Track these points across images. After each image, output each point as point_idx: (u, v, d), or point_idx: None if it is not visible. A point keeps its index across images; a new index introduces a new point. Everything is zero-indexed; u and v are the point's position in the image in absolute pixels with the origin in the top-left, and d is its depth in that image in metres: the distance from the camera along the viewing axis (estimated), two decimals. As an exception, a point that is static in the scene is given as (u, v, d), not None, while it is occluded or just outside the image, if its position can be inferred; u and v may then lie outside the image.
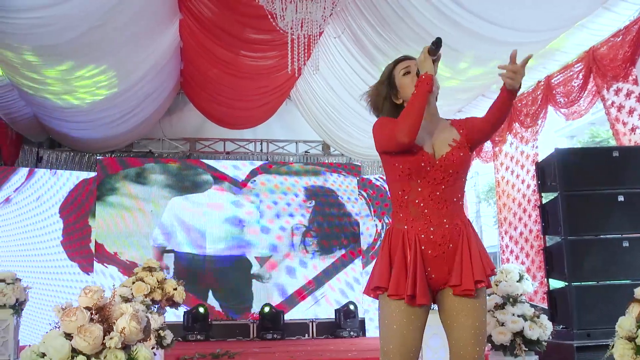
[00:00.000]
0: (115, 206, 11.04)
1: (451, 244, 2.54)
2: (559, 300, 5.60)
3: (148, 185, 11.27)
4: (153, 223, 11.15)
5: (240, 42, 9.09)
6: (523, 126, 8.53)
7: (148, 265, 5.85)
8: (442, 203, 2.56)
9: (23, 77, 7.90)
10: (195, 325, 9.94)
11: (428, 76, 2.53)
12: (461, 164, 2.61)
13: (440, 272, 2.54)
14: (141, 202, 11.15)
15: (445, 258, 2.54)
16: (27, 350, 2.25)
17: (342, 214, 11.79)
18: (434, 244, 2.53)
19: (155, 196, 11.25)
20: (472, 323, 2.52)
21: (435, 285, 2.58)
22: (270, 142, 12.76)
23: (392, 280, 2.52)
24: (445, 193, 2.57)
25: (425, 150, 2.58)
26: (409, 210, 2.58)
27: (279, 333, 10.14)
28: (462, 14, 6.59)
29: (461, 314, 2.52)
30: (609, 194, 5.46)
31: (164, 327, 5.08)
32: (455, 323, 2.53)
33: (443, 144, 2.62)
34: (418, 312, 2.52)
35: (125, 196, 11.13)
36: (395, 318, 2.50)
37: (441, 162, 2.58)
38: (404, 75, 2.69)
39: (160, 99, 11.06)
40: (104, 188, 11.03)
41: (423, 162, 2.56)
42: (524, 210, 8.69)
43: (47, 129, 10.67)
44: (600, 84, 6.91)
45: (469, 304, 2.53)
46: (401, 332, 2.49)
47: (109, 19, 6.96)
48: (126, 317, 2.29)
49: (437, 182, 2.57)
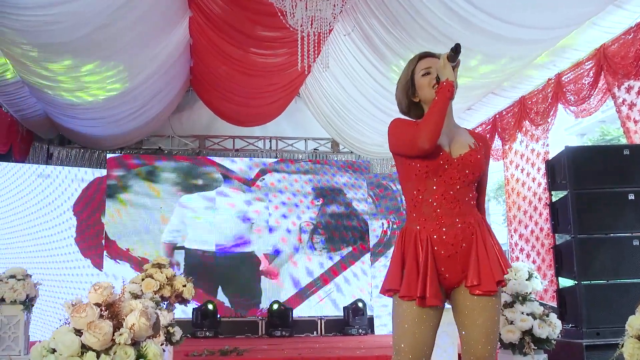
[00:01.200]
0: (125, 203, 11.06)
1: (464, 244, 2.53)
2: (568, 298, 5.58)
3: (158, 183, 11.29)
4: (163, 220, 11.17)
5: (250, 40, 9.10)
6: (533, 124, 8.50)
7: (157, 262, 5.86)
8: (455, 203, 2.56)
9: (34, 75, 7.94)
10: (204, 322, 9.96)
11: (449, 83, 2.54)
12: (478, 165, 2.61)
13: (453, 271, 2.54)
14: (151, 199, 11.17)
15: (459, 258, 2.53)
16: (38, 346, 2.27)
17: (350, 212, 11.77)
18: (446, 244, 2.52)
19: (165, 193, 11.27)
20: (485, 322, 2.51)
21: (448, 285, 2.58)
22: (280, 139, 12.77)
23: (404, 282, 2.52)
24: (459, 193, 2.57)
25: (443, 149, 2.58)
26: (422, 210, 2.58)
27: (287, 330, 10.15)
28: (473, 12, 6.58)
29: (475, 313, 2.52)
30: (619, 192, 5.44)
31: (173, 324, 5.09)
32: (469, 322, 2.53)
33: (462, 145, 2.63)
34: (430, 312, 2.52)
35: (135, 193, 11.15)
36: (407, 318, 2.51)
37: (459, 161, 2.58)
38: (423, 75, 2.67)
39: (170, 96, 11.09)
40: (114, 185, 11.06)
41: (442, 160, 2.56)
42: (534, 208, 8.65)
43: (58, 126, 10.73)
44: (611, 82, 6.86)
45: (485, 303, 2.52)
46: (412, 331, 2.50)
47: (118, 16, 6.98)
48: (135, 313, 2.30)
49: (453, 181, 2.56)
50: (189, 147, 12.46)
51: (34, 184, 10.39)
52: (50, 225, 10.44)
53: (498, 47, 7.26)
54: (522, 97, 8.75)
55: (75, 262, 10.51)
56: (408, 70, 2.72)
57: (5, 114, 9.15)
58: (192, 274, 6.87)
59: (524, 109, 8.71)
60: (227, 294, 11.01)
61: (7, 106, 9.04)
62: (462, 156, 2.59)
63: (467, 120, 10.24)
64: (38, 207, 10.36)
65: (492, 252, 2.54)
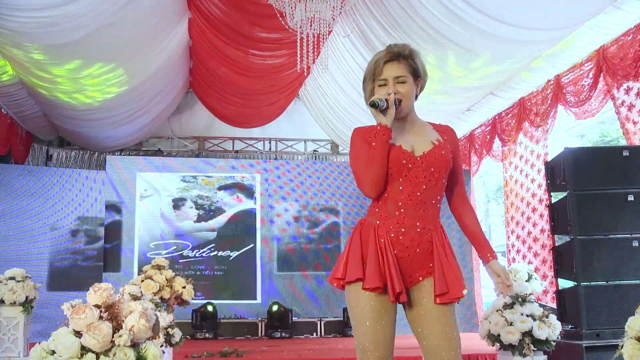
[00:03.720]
0: (124, 204, 11.07)
1: (418, 249, 2.53)
2: (568, 300, 5.58)
3: (157, 184, 11.28)
4: (163, 221, 11.17)
5: (249, 41, 9.11)
6: (533, 125, 8.50)
7: (157, 263, 5.87)
8: (421, 205, 2.55)
9: (33, 76, 7.95)
10: (203, 324, 9.95)
11: (382, 127, 2.53)
12: (443, 162, 2.58)
13: (403, 274, 2.53)
14: (149, 201, 11.16)
15: (409, 262, 2.53)
16: (37, 347, 2.27)
17: (350, 213, 11.77)
18: (401, 244, 2.52)
19: (164, 194, 11.27)
20: (444, 328, 2.50)
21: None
22: (279, 140, 12.78)
23: (367, 272, 2.50)
24: (426, 194, 2.55)
25: (404, 148, 2.56)
26: (387, 207, 2.56)
27: (287, 332, 10.15)
28: (472, 13, 6.58)
29: (431, 321, 2.51)
30: (618, 193, 5.44)
31: (172, 325, 5.10)
32: (428, 331, 2.52)
33: (425, 143, 2.61)
34: (389, 307, 2.50)
35: (134, 194, 11.15)
36: (367, 314, 2.49)
37: (422, 159, 2.56)
38: (380, 86, 2.65)
39: (170, 98, 11.10)
40: (113, 186, 11.05)
41: (405, 159, 2.54)
42: (533, 209, 8.65)
43: (57, 127, 10.73)
44: (611, 83, 6.87)
45: (439, 309, 2.51)
46: (374, 328, 2.48)
47: (118, 18, 6.99)
48: (135, 315, 2.30)
49: (419, 180, 2.54)
50: (189, 148, 12.47)
51: (34, 185, 10.38)
52: (51, 227, 10.45)
53: (497, 49, 7.26)
54: (521, 98, 8.75)
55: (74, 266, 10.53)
56: (374, 70, 2.67)
57: (5, 116, 9.15)
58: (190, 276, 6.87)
59: (523, 110, 8.71)
60: (226, 297, 11.02)
61: (7, 107, 9.04)
62: (425, 154, 2.57)
63: (466, 121, 10.24)
64: (40, 210, 10.37)
65: (453, 263, 2.56)
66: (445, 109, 9.51)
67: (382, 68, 2.63)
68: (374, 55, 2.70)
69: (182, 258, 11.17)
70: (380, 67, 2.64)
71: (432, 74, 8.05)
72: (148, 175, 11.37)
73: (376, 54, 2.69)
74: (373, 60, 2.68)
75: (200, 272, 11.02)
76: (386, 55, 2.64)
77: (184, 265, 10.97)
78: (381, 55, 2.65)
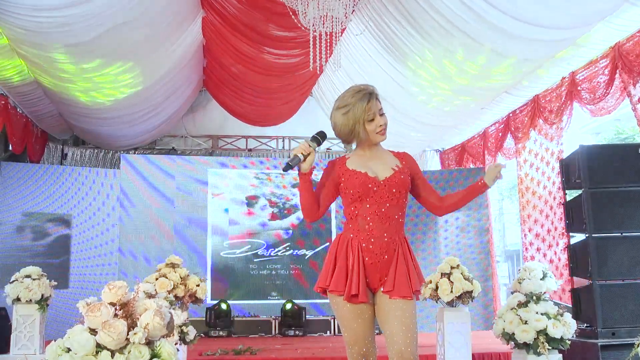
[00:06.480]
0: (139, 203, 11.09)
1: (386, 255, 3.01)
2: (583, 298, 5.55)
3: (171, 183, 11.31)
4: (176, 220, 11.19)
5: (263, 39, 9.11)
6: (547, 123, 8.44)
7: (171, 261, 5.89)
8: (385, 219, 3.03)
9: (48, 75, 7.99)
10: (217, 322, 9.97)
11: (300, 174, 3.03)
12: (403, 185, 3.08)
13: (373, 278, 3.02)
14: (164, 199, 11.18)
15: (379, 266, 3.01)
16: (53, 345, 2.28)
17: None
18: (371, 252, 3.01)
19: (177, 193, 11.29)
20: (400, 317, 2.93)
21: (370, 288, 3.04)
22: (293, 139, 12.77)
23: (332, 280, 3.02)
24: (389, 211, 3.04)
25: (369, 175, 3.05)
26: (357, 223, 3.05)
27: (300, 330, 10.15)
28: (490, 11, 6.56)
29: (391, 311, 2.96)
30: (634, 190, 5.40)
31: (187, 323, 5.11)
32: (386, 319, 2.97)
33: (386, 168, 3.10)
34: (362, 307, 3.00)
35: (149, 193, 11.17)
36: (344, 314, 3.01)
37: (385, 183, 3.05)
38: (369, 121, 3.10)
39: (184, 96, 11.13)
40: (128, 185, 11.08)
41: (370, 184, 3.04)
42: (550, 207, 8.60)
43: (72, 127, 10.79)
44: (627, 80, 6.81)
45: (399, 303, 2.96)
46: (351, 325, 3.00)
47: (132, 16, 7.01)
48: (150, 312, 2.30)
49: (383, 200, 3.03)
50: (202, 147, 12.50)
51: (50, 184, 10.44)
52: (67, 225, 10.53)
53: (515, 47, 7.24)
54: (535, 95, 8.71)
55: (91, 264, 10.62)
56: (359, 108, 3.07)
57: (21, 115, 9.21)
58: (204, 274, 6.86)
59: (537, 108, 8.66)
60: (240, 295, 11.06)
61: (22, 107, 9.10)
62: (387, 179, 3.07)
63: (480, 119, 10.21)
64: (54, 206, 10.43)
65: (410, 267, 3.04)
66: (467, 110, 9.53)
67: (369, 106, 3.07)
68: (344, 98, 3.15)
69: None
70: (368, 101, 3.08)
71: (456, 76, 7.97)
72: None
73: (350, 97, 3.11)
74: (357, 103, 3.09)
75: (216, 268, 11.06)
76: (365, 95, 3.08)
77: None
78: (360, 96, 3.08)
